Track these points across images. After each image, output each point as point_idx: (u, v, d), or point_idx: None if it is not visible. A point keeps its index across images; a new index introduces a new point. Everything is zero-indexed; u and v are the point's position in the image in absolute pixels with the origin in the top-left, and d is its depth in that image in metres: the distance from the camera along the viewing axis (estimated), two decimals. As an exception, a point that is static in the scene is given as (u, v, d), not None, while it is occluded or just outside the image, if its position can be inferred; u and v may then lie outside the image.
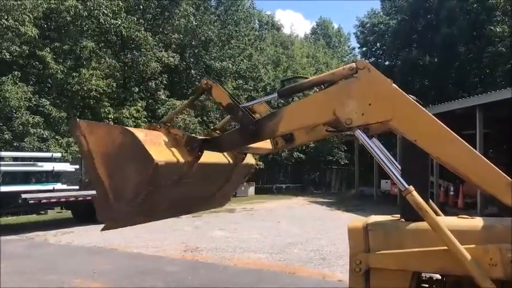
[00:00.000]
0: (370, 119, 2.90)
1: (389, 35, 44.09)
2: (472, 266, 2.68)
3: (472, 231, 2.94)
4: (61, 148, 20.81)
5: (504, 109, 18.41)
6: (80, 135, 3.20)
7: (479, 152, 11.18)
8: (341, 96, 2.95)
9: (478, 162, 2.84)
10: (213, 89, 3.36)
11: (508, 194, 2.71)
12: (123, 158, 3.11)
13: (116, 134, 3.12)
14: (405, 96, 2.93)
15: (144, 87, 27.41)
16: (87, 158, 3.23)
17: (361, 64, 2.92)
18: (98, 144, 3.17)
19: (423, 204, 2.75)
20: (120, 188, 3.17)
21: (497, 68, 32.13)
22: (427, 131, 2.87)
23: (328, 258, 9.29)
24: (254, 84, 33.58)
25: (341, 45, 62.18)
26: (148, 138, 3.12)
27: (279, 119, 3.12)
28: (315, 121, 3.12)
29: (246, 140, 3.32)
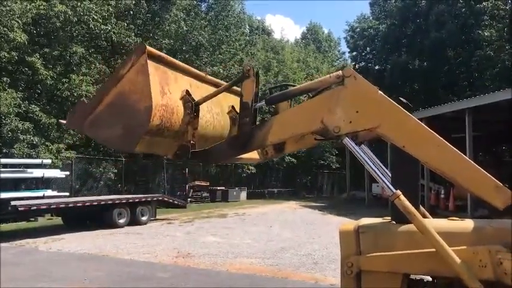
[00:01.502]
0: (357, 127, 2.93)
1: (379, 40, 44.46)
2: (461, 268, 2.71)
3: (461, 233, 2.97)
4: (51, 154, 20.64)
5: (493, 112, 18.62)
6: (130, 62, 3.13)
7: (469, 155, 11.43)
8: (328, 104, 2.97)
9: (466, 166, 2.87)
10: (248, 80, 3.32)
11: (496, 197, 2.74)
12: (126, 116, 3.09)
13: (143, 100, 3.03)
14: (392, 103, 2.96)
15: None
16: (114, 78, 3.21)
17: (348, 72, 2.95)
18: (130, 83, 3.12)
19: (411, 208, 2.78)
20: (100, 123, 3.20)
21: (486, 72, 32.49)
22: (414, 136, 2.89)
23: (321, 263, 9.30)
24: (245, 89, 33.60)
25: (331, 50, 62.55)
26: (156, 128, 3.07)
27: (267, 129, 3.15)
28: (304, 130, 3.13)
29: (235, 151, 3.34)
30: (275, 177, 40.31)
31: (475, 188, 2.88)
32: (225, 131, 3.92)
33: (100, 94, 3.27)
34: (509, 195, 2.72)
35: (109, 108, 3.18)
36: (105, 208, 15.43)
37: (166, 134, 3.22)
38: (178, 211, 20.55)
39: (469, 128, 18.09)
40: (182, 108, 3.33)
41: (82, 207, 15.08)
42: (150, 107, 2.98)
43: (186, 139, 3.37)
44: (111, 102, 3.18)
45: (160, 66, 3.24)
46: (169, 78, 3.30)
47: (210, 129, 3.73)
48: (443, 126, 22.70)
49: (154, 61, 3.16)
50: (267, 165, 35.53)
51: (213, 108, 3.76)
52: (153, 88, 3.04)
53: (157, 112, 3.04)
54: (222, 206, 25.63)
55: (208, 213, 21.07)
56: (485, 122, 20.64)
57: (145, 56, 3.07)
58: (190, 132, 3.38)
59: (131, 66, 3.11)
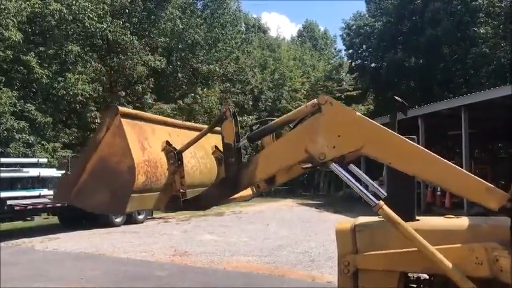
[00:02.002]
0: (342, 150, 2.94)
1: (375, 37, 44.48)
2: (453, 271, 2.71)
3: (458, 230, 2.98)
4: (47, 153, 20.59)
5: (489, 109, 18.68)
6: (104, 125, 3.14)
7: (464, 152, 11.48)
8: (310, 133, 2.99)
9: (455, 173, 2.88)
10: (226, 121, 3.37)
11: (489, 198, 2.74)
12: (111, 179, 3.08)
13: (124, 160, 3.05)
14: (371, 122, 2.99)
15: (130, 91, 27.25)
16: (92, 144, 3.20)
17: (323, 99, 2.96)
18: (108, 146, 3.12)
19: (394, 216, 2.80)
20: (86, 192, 3.18)
21: (482, 69, 32.58)
22: (399, 152, 2.90)
23: (317, 260, 9.31)
24: (241, 87, 33.59)
25: (327, 48, 62.49)
26: (143, 184, 3.09)
27: (254, 166, 3.15)
28: (290, 162, 3.14)
29: (226, 193, 3.36)
30: (272, 175, 40.26)
31: (467, 193, 2.90)
32: (212, 173, 3.94)
33: (81, 162, 3.24)
34: (501, 195, 2.73)
35: (92, 175, 3.17)
36: (102, 207, 15.35)
37: (154, 188, 3.23)
38: (175, 210, 20.47)
39: (465, 125, 18.15)
40: (165, 160, 3.34)
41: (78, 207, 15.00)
42: (132, 166, 3.00)
43: (175, 189, 3.37)
44: (93, 169, 3.17)
45: (136, 123, 3.25)
46: (146, 133, 3.31)
47: (197, 174, 3.74)
48: (440, 124, 22.80)
49: (128, 119, 3.18)
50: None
51: (196, 152, 3.77)
52: (132, 146, 3.05)
53: (140, 169, 3.05)
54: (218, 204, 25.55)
55: (205, 211, 21.03)
56: (481, 119, 20.70)
57: (118, 116, 3.08)
58: (177, 181, 3.38)
59: (107, 130, 3.12)
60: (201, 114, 28.39)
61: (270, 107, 36.06)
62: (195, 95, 28.06)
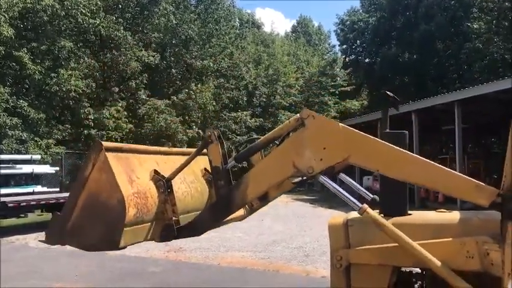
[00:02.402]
0: (329, 162, 2.97)
1: (369, 33, 44.55)
2: (440, 268, 2.74)
3: (449, 224, 3.00)
4: (40, 150, 20.49)
5: (482, 104, 18.77)
6: (90, 162, 3.16)
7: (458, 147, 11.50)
8: (296, 148, 3.02)
9: (443, 174, 2.91)
10: (212, 145, 3.42)
11: (479, 196, 2.77)
12: (102, 215, 3.09)
13: (113, 195, 3.07)
14: (355, 132, 3.02)
15: (124, 87, 27.15)
16: (79, 182, 3.19)
17: (305, 113, 3.00)
18: (96, 182, 3.13)
19: (380, 219, 2.85)
20: (79, 231, 3.17)
21: (475, 64, 32.71)
22: (385, 159, 2.93)
23: (312, 255, 9.34)
24: (235, 83, 33.54)
25: (321, 43, 62.44)
26: (134, 217, 3.09)
27: (245, 187, 3.19)
28: (279, 178, 3.18)
29: (219, 217, 3.40)
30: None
31: (457, 193, 2.94)
32: (204, 196, 3.97)
33: (71, 202, 3.23)
34: (490, 191, 2.75)
35: (83, 213, 3.17)
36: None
37: (147, 219, 3.24)
38: (170, 206, 20.46)
39: (458, 120, 18.23)
40: (155, 189, 3.35)
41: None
42: (122, 200, 3.01)
43: (168, 218, 3.38)
44: (83, 207, 3.17)
45: (122, 155, 3.26)
46: (133, 164, 3.31)
47: (188, 199, 3.76)
48: (433, 119, 22.90)
49: (114, 153, 3.19)
50: (258, 158, 35.54)
51: (186, 177, 3.78)
52: (120, 180, 3.06)
53: (130, 202, 3.06)
54: (214, 200, 25.57)
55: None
56: (474, 114, 20.81)
57: (103, 152, 3.10)
58: (169, 210, 3.39)
59: (93, 166, 3.13)
60: (195, 110, 28.32)
61: (264, 103, 36.05)
62: (189, 91, 27.99)
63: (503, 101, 16.51)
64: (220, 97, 30.96)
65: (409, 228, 3.05)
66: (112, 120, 24.15)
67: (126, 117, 25.26)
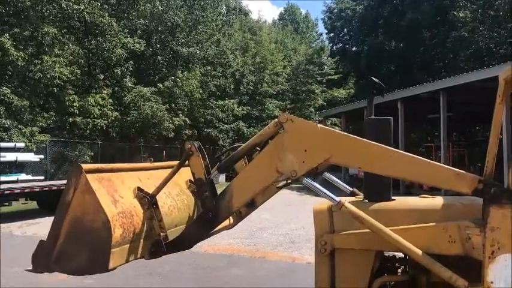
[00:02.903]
0: (311, 164, 3.00)
1: (356, 21, 44.52)
2: (421, 257, 2.79)
3: (432, 210, 3.04)
4: (24, 138, 20.19)
5: (466, 93, 18.93)
6: (71, 186, 3.11)
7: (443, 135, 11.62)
8: (277, 153, 3.04)
9: (424, 166, 2.94)
10: (193, 157, 3.38)
11: (460, 184, 2.81)
12: (88, 238, 3.05)
13: (97, 217, 3.03)
14: (334, 131, 3.09)
15: (109, 74, 26.85)
16: (62, 207, 3.14)
17: (283, 118, 3.03)
18: (79, 206, 3.08)
19: (358, 212, 2.88)
20: (65, 256, 3.13)
21: (460, 53, 32.93)
22: (366, 156, 2.96)
23: (298, 242, 9.41)
24: (222, 71, 33.37)
25: (309, 31, 62.36)
26: (121, 237, 3.07)
27: (230, 196, 3.21)
28: (264, 184, 3.19)
29: (207, 229, 3.41)
30: (253, 159, 40.35)
31: (439, 183, 2.96)
32: (191, 208, 3.94)
33: (55, 228, 3.18)
34: (471, 178, 2.79)
35: (68, 238, 3.11)
36: (82, 191, 15.22)
37: (134, 238, 3.21)
38: (156, 194, 20.41)
39: (443, 109, 18.39)
40: (140, 207, 3.32)
41: (58, 191, 14.85)
42: (107, 222, 2.97)
43: (156, 234, 3.36)
44: (68, 232, 3.11)
45: (103, 176, 3.22)
46: (115, 184, 3.28)
47: (175, 213, 3.73)
48: (419, 107, 23.06)
49: (94, 174, 3.15)
50: (245, 147, 35.54)
51: (171, 191, 3.75)
52: (103, 201, 3.03)
53: (116, 222, 3.02)
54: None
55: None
56: (459, 102, 20.97)
57: (84, 174, 3.05)
58: (156, 226, 3.37)
59: (74, 190, 3.08)
60: (181, 97, 28.14)
61: (251, 91, 35.97)
62: (175, 78, 27.78)
63: (487, 89, 16.62)
64: (207, 85, 30.79)
65: (392, 213, 3.09)
66: (97, 107, 23.88)
67: (111, 104, 25.01)
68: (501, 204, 2.66)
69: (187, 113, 29.11)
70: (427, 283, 3.02)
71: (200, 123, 31.07)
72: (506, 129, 13.92)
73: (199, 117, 30.61)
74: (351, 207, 2.89)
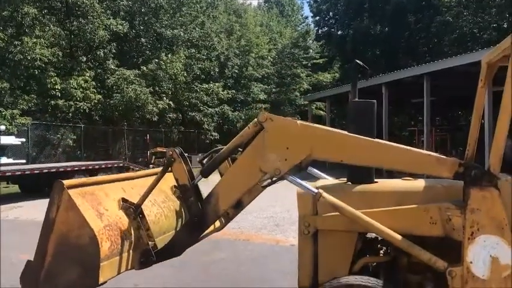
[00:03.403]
0: (294, 161, 3.04)
1: (342, 4, 44.34)
2: (401, 242, 2.84)
3: (414, 192, 3.08)
4: (5, 120, 19.86)
5: (450, 77, 19.07)
6: (54, 203, 3.06)
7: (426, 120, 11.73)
8: (259, 153, 3.06)
9: (404, 154, 2.99)
10: (175, 163, 3.38)
11: (441, 169, 2.86)
12: (76, 254, 3.02)
13: (83, 232, 2.99)
14: (314, 127, 3.10)
15: (92, 57, 26.42)
16: (47, 226, 3.10)
17: (263, 117, 3.05)
18: (64, 223, 3.04)
19: (336, 201, 2.92)
20: (54, 275, 3.09)
21: (445, 37, 33.11)
22: (347, 148, 3.00)
23: (282, 225, 9.48)
24: (207, 53, 33.06)
25: (294, 14, 61.89)
26: (109, 250, 3.04)
27: (216, 200, 3.23)
28: (248, 186, 3.21)
29: (196, 234, 3.43)
30: (238, 143, 40.28)
31: (420, 169, 2.99)
32: (179, 213, 3.92)
33: (41, 247, 3.13)
34: (452, 162, 2.83)
35: (56, 256, 3.08)
36: (64, 175, 15.07)
37: (123, 249, 3.19)
38: (140, 177, 20.35)
39: (427, 93, 18.51)
40: (126, 218, 3.29)
41: (40, 175, 14.70)
42: (93, 236, 2.94)
43: (144, 243, 3.35)
44: (55, 250, 3.08)
45: (86, 190, 3.19)
46: (99, 197, 3.25)
47: (163, 220, 3.71)
48: (403, 91, 23.19)
49: (77, 189, 3.11)
50: (230, 131, 35.46)
51: (156, 198, 3.73)
52: (88, 216, 3.00)
53: (103, 236, 3.00)
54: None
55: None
56: (442, 87, 21.13)
57: (66, 191, 3.01)
58: (144, 235, 3.35)
59: (58, 207, 3.04)
60: (165, 80, 27.85)
61: (236, 74, 35.75)
62: (159, 61, 27.42)
63: (470, 74, 16.77)
64: (191, 68, 30.51)
65: (374, 195, 3.12)
66: (80, 90, 23.53)
67: (94, 87, 24.65)
68: (481, 186, 2.70)
69: (172, 96, 28.86)
70: (408, 264, 3.08)
71: (184, 106, 30.85)
72: (488, 113, 14.10)
73: (183, 101, 30.38)
74: (329, 198, 2.92)
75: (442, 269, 2.76)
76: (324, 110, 32.44)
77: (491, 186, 2.69)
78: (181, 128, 32.45)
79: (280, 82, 38.35)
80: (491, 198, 2.68)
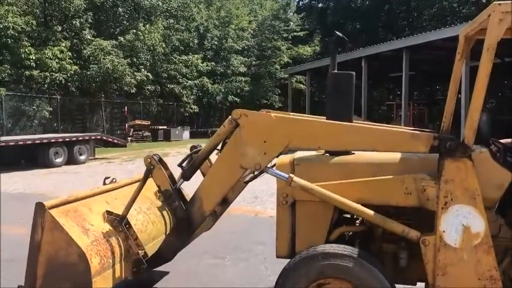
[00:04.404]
0: (273, 153, 3.07)
1: (323, -24, 43.87)
2: (374, 217, 2.92)
3: (390, 163, 3.12)
4: (-22, 92, 19.35)
5: (429, 51, 19.23)
6: (38, 226, 3.01)
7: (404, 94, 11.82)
8: (237, 150, 3.08)
9: (379, 134, 3.05)
10: (155, 170, 3.37)
11: (417, 144, 2.91)
12: (67, 274, 2.98)
13: (71, 251, 2.95)
14: (289, 117, 3.16)
15: (67, 26, 25.69)
16: (34, 249, 3.04)
17: (237, 114, 3.07)
18: (50, 244, 3.00)
19: (307, 184, 2.98)
20: None
21: (424, 12, 33.19)
22: (322, 135, 3.03)
23: (261, 197, 9.56)
24: (186, 24, 32.48)
25: (275, -15, 61.02)
26: (100, 265, 3.00)
27: (200, 202, 3.25)
28: (230, 184, 3.23)
29: (184, 237, 3.43)
30: (218, 116, 40.19)
31: (396, 147, 3.03)
32: (166, 218, 3.90)
33: (30, 271, 3.07)
34: (426, 136, 2.87)
35: (46, 278, 3.03)
36: (41, 147, 14.87)
37: (114, 262, 3.17)
38: (119, 150, 20.18)
39: (405, 67, 18.63)
40: (112, 230, 3.27)
41: (15, 147, 14.45)
42: (82, 254, 2.92)
43: (135, 253, 3.33)
44: (45, 272, 3.03)
45: (68, 208, 3.15)
46: (83, 213, 3.21)
47: (150, 227, 3.69)
48: (382, 65, 23.31)
49: (59, 208, 3.07)
50: (210, 104, 35.22)
51: (141, 206, 3.70)
52: (74, 234, 2.96)
53: (91, 252, 2.98)
54: (164, 145, 25.43)
55: (149, 152, 20.73)
56: (421, 61, 21.30)
57: (48, 212, 2.97)
58: (133, 245, 3.33)
59: (42, 229, 2.99)
60: (143, 51, 27.34)
61: (216, 46, 35.29)
62: (136, 32, 26.85)
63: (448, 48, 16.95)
64: (170, 39, 29.98)
65: (352, 166, 3.15)
66: (55, 61, 22.95)
67: (70, 58, 24.07)
68: (455, 157, 2.75)
69: (150, 68, 28.42)
70: (382, 233, 3.15)
71: (163, 78, 30.43)
72: (465, 87, 14.31)
73: (162, 73, 29.95)
74: (300, 181, 2.98)
75: (415, 239, 2.84)
76: (304, 84, 32.39)
77: (465, 158, 2.74)
78: (160, 100, 32.09)
79: (260, 55, 38.03)
80: (465, 169, 2.74)
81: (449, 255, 2.76)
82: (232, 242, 6.24)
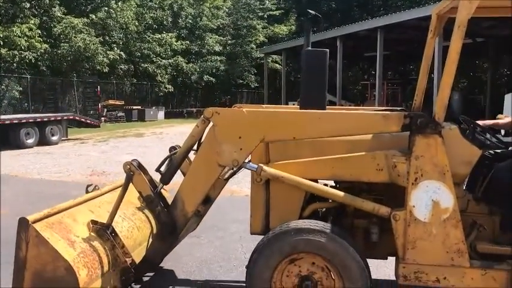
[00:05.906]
0: (249, 149, 3.08)
1: (299, -46, 43.36)
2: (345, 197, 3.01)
3: (363, 140, 3.16)
4: None
5: (403, 31, 19.37)
6: (22, 241, 2.91)
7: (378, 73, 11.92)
8: (213, 148, 3.09)
9: (351, 118, 3.08)
10: (135, 176, 3.36)
11: (388, 124, 2.94)
12: None
13: (58, 265, 2.87)
14: (261, 111, 3.19)
15: (36, 3, 24.83)
16: (19, 265, 2.95)
17: (208, 113, 3.07)
18: (36, 259, 2.91)
19: (277, 172, 3.06)
20: None
21: (399, -9, 33.30)
22: (296, 125, 3.04)
23: (236, 176, 9.52)
24: (159, 2, 31.86)
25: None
26: (88, 277, 2.94)
27: (181, 204, 3.28)
28: (210, 183, 3.25)
29: (170, 240, 3.45)
30: (194, 96, 39.83)
31: (369, 129, 3.06)
32: (150, 222, 3.81)
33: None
34: (397, 116, 2.92)
35: None
36: (11, 128, 14.51)
37: (102, 272, 3.11)
38: (92, 131, 19.87)
39: (380, 47, 18.77)
40: (99, 240, 3.21)
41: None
42: (69, 267, 2.86)
43: (122, 261, 3.27)
44: None
45: (52, 220, 3.06)
46: (68, 225, 3.14)
47: (136, 233, 3.62)
48: (357, 45, 23.42)
49: (43, 221, 2.99)
50: (185, 84, 34.84)
51: (125, 212, 3.64)
52: (60, 247, 2.90)
53: (79, 264, 2.91)
54: (139, 125, 25.15)
55: (124, 132, 20.61)
56: (395, 40, 21.46)
57: (31, 226, 2.89)
58: (120, 253, 3.27)
59: (27, 244, 2.91)
60: (115, 30, 26.74)
61: (190, 25, 34.76)
62: (108, 9, 26.19)
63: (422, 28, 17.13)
64: (143, 17, 29.37)
65: (325, 143, 3.18)
66: (24, 39, 22.24)
67: (40, 36, 23.35)
68: (426, 134, 2.80)
69: (123, 47, 27.85)
70: (354, 209, 3.20)
71: (136, 57, 29.89)
72: (437, 66, 14.51)
73: (135, 52, 29.41)
74: (269, 170, 3.05)
75: (386, 215, 2.91)
76: (280, 63, 32.31)
77: (435, 134, 2.79)
78: (133, 80, 31.57)
79: (235, 34, 37.65)
80: (435, 145, 2.79)
81: (419, 229, 2.83)
82: (208, 221, 6.24)
